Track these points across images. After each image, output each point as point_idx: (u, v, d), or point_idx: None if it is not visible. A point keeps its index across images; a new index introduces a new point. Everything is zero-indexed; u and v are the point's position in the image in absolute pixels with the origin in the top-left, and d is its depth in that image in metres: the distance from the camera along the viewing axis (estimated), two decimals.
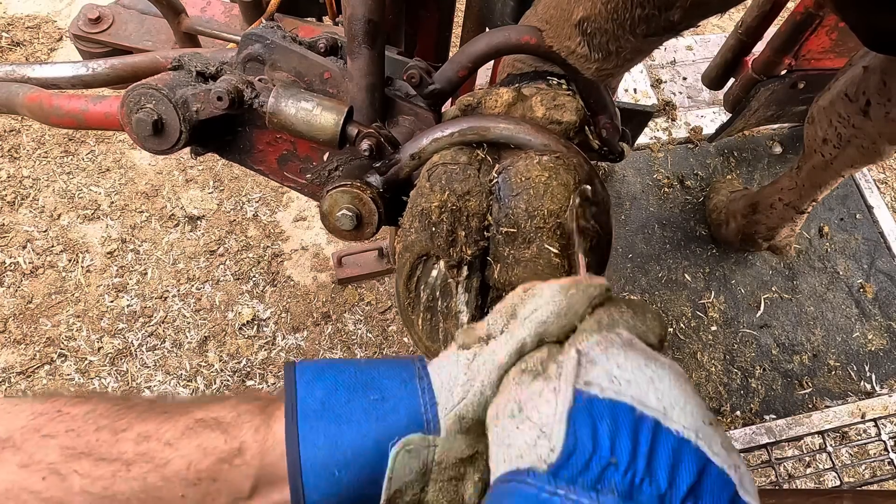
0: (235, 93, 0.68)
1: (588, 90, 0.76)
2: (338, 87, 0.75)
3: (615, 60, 0.71)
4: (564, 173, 0.64)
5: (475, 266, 0.68)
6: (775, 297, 2.02)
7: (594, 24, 0.67)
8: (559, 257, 0.63)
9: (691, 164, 2.20)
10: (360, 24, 0.67)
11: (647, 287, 1.99)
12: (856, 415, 1.83)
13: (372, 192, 0.71)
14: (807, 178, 1.62)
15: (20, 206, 2.01)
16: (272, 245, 2.04)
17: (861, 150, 1.37)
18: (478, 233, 0.66)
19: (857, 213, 2.17)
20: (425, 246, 0.66)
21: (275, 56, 0.75)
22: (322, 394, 0.47)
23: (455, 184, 0.65)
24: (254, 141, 0.76)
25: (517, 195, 0.63)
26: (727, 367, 1.92)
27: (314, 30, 1.05)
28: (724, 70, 1.78)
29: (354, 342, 1.90)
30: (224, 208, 2.08)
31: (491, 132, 0.67)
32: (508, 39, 0.74)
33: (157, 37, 1.23)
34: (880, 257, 2.11)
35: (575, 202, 0.63)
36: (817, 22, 1.51)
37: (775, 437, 1.78)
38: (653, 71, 2.33)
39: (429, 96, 0.74)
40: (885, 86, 1.20)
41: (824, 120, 1.40)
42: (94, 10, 1.21)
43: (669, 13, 0.62)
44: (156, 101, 0.68)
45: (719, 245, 2.07)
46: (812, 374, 1.93)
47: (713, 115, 2.24)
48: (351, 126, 0.69)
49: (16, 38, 2.28)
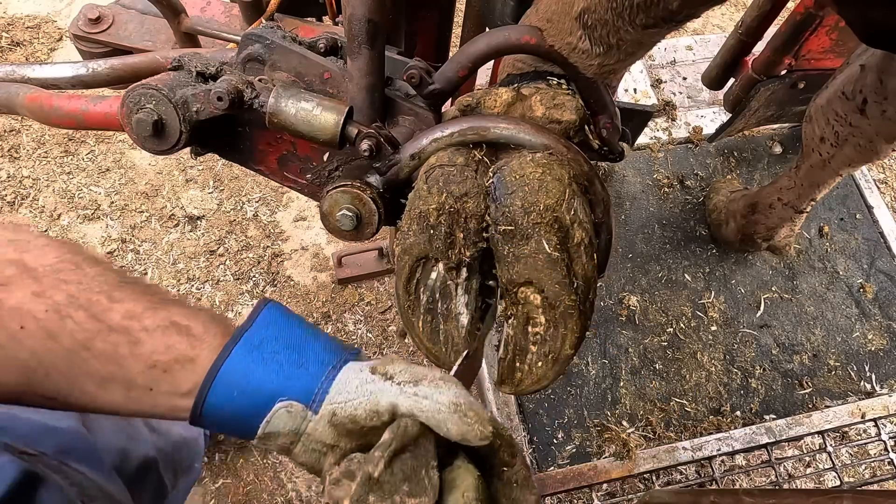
0: (235, 93, 0.68)
1: (588, 90, 0.76)
2: (338, 87, 0.75)
3: (616, 55, 0.71)
4: (558, 168, 0.64)
5: (474, 268, 0.68)
6: (775, 297, 2.02)
7: (594, 16, 0.67)
8: (558, 251, 0.63)
9: (691, 164, 2.20)
10: (360, 24, 0.67)
11: (647, 287, 2.00)
12: (856, 415, 1.83)
13: (372, 192, 0.71)
14: (805, 178, 1.62)
15: (20, 206, 2.01)
16: (272, 245, 2.04)
17: (858, 149, 1.37)
18: (476, 234, 0.66)
19: (857, 213, 2.18)
20: (424, 248, 0.66)
21: (275, 56, 0.75)
22: (265, 336, 0.57)
23: (452, 186, 0.65)
24: (254, 141, 0.76)
25: (512, 193, 0.63)
26: (727, 367, 1.92)
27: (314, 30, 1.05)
28: (724, 70, 1.78)
29: (354, 342, 1.90)
30: (224, 208, 2.08)
31: (491, 132, 0.67)
32: (508, 39, 0.74)
33: (157, 37, 1.24)
34: (880, 257, 2.11)
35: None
36: (817, 22, 1.51)
37: (775, 437, 1.78)
38: (653, 71, 2.33)
39: (429, 96, 0.74)
40: (882, 84, 1.20)
41: (822, 119, 1.40)
42: (94, 10, 1.21)
43: (668, 1, 0.62)
44: (156, 102, 0.68)
45: (719, 245, 2.07)
46: (812, 374, 1.94)
47: (713, 115, 2.24)
48: (351, 126, 0.69)
49: (16, 38, 2.28)
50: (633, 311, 1.96)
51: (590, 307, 0.67)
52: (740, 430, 1.79)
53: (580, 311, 0.64)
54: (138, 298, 0.58)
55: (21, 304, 0.54)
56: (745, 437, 1.77)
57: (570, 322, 0.64)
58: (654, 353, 1.91)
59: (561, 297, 0.63)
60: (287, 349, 0.56)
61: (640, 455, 1.72)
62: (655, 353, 1.91)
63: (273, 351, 0.56)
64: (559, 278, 0.63)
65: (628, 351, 1.91)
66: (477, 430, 0.52)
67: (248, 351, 0.55)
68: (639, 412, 1.83)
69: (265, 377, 0.54)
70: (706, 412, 1.85)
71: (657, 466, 1.72)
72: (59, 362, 0.54)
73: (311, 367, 0.56)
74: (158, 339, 0.55)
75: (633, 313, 1.96)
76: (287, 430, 0.55)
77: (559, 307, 0.64)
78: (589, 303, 0.66)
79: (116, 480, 0.89)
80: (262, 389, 0.54)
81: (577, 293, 0.64)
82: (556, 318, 0.64)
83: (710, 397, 1.88)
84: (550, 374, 0.67)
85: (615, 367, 1.89)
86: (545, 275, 0.63)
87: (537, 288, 0.64)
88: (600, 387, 1.86)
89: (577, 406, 1.83)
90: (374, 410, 0.53)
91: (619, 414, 1.83)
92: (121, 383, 0.55)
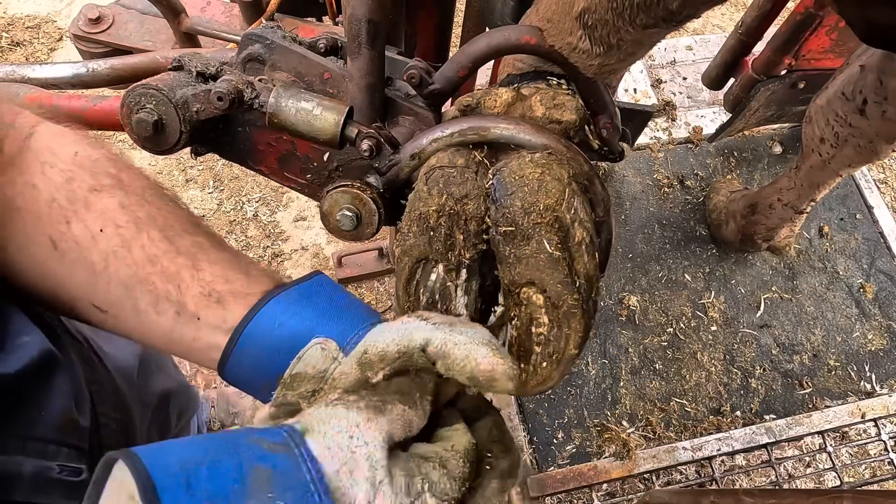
0: (235, 93, 0.68)
1: (588, 90, 0.76)
2: (338, 87, 0.75)
3: (617, 55, 0.71)
4: (557, 167, 0.64)
5: (474, 269, 0.68)
6: (775, 297, 2.02)
7: (595, 16, 0.67)
8: (559, 250, 0.63)
9: (691, 164, 2.20)
10: (360, 24, 0.67)
11: (647, 287, 2.00)
12: (856, 415, 1.83)
13: (372, 192, 0.71)
14: (805, 178, 1.62)
15: None
16: (272, 245, 2.04)
17: (858, 150, 1.37)
18: (476, 236, 0.66)
19: (857, 213, 2.18)
20: (423, 250, 0.66)
21: (275, 56, 0.75)
22: (312, 292, 0.59)
23: (452, 187, 0.64)
24: (254, 141, 0.76)
25: (512, 194, 0.63)
26: (727, 367, 1.92)
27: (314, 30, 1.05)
28: (724, 70, 1.79)
29: None
30: (224, 208, 2.08)
31: (491, 132, 0.67)
32: (508, 39, 0.73)
33: (157, 37, 1.24)
34: (880, 257, 2.11)
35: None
36: (817, 22, 1.51)
37: (775, 437, 1.78)
38: (653, 71, 2.33)
39: (429, 96, 0.74)
40: (882, 85, 1.20)
41: (822, 119, 1.40)
42: (94, 11, 1.21)
43: (667, 1, 0.62)
44: (156, 102, 0.68)
45: (719, 245, 2.07)
46: (812, 374, 1.94)
47: (713, 115, 2.24)
48: (351, 126, 0.69)
49: (16, 38, 2.28)
50: (633, 311, 1.96)
51: (593, 306, 0.66)
52: (740, 430, 1.79)
53: (583, 311, 0.64)
54: (208, 236, 0.61)
55: (107, 209, 0.57)
56: (745, 437, 1.77)
57: (573, 321, 0.64)
58: (654, 353, 1.91)
59: (563, 297, 0.63)
60: (331, 304, 0.59)
61: (640, 455, 1.72)
62: (655, 353, 1.91)
63: (317, 302, 0.58)
64: (561, 278, 0.63)
65: (628, 351, 1.91)
66: (507, 368, 0.49)
67: (295, 296, 0.58)
68: (639, 412, 1.84)
69: (307, 319, 0.56)
70: (706, 412, 1.85)
71: (657, 466, 1.72)
72: (123, 271, 0.56)
73: (351, 318, 0.58)
74: (219, 271, 0.58)
75: (633, 313, 1.96)
76: (314, 372, 0.54)
77: (562, 307, 0.64)
78: (592, 302, 0.66)
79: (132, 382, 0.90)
80: (301, 328, 0.56)
81: (579, 292, 0.64)
82: (559, 317, 0.64)
83: (710, 397, 1.88)
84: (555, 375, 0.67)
85: (615, 367, 1.89)
86: (547, 275, 0.63)
87: (539, 288, 0.64)
88: (600, 387, 1.86)
89: (577, 406, 1.83)
90: (406, 345, 0.51)
91: (619, 414, 1.83)
92: (174, 304, 0.57)
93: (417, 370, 0.51)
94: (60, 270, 0.57)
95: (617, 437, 1.74)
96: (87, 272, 0.57)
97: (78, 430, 0.63)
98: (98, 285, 0.57)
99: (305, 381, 0.53)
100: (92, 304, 0.58)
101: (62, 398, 0.62)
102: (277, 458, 0.41)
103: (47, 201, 0.56)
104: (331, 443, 0.43)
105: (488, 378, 0.49)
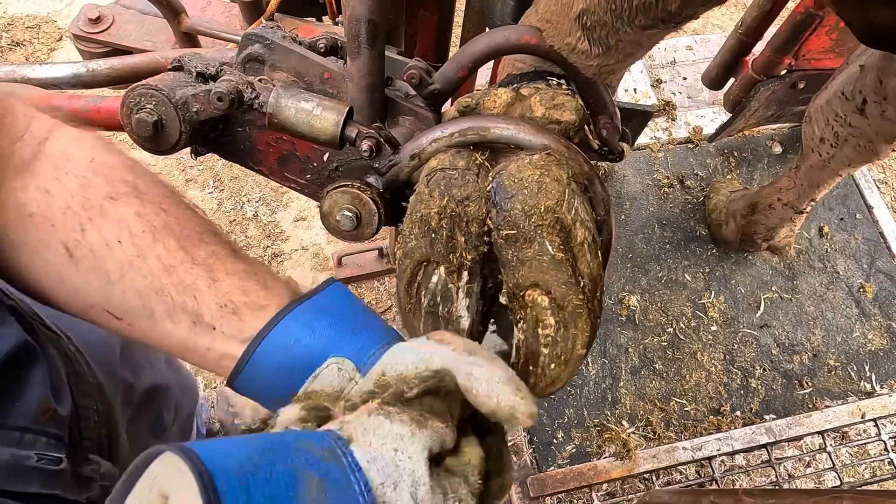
0: (235, 93, 0.68)
1: (588, 90, 0.76)
2: (338, 87, 0.75)
3: (616, 55, 0.71)
4: (556, 169, 0.64)
5: (475, 271, 0.68)
6: (775, 297, 2.02)
7: (594, 17, 0.67)
8: (561, 251, 0.63)
9: (691, 164, 2.20)
10: (360, 24, 0.67)
11: (647, 287, 2.00)
12: (856, 415, 1.83)
13: (372, 192, 0.71)
14: (805, 178, 1.62)
15: None
16: (272, 245, 2.04)
17: (858, 149, 1.37)
18: (477, 238, 0.65)
19: (857, 213, 2.18)
20: (425, 252, 0.66)
21: (275, 56, 0.75)
22: (327, 304, 0.58)
23: (454, 189, 0.64)
24: (254, 142, 0.76)
25: (512, 197, 0.63)
26: (727, 367, 1.92)
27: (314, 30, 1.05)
28: (724, 70, 1.79)
29: None
30: (224, 208, 2.08)
31: (491, 132, 0.67)
32: (508, 39, 0.73)
33: (157, 37, 1.24)
34: (880, 257, 2.11)
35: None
36: (817, 22, 1.51)
37: (775, 437, 1.78)
38: (653, 71, 2.33)
39: (429, 96, 0.74)
40: (882, 84, 1.20)
41: (821, 119, 1.40)
42: (94, 10, 1.21)
43: (666, 2, 0.62)
44: (156, 102, 0.68)
45: (719, 245, 2.07)
46: (812, 374, 1.94)
47: (713, 115, 2.24)
48: (351, 126, 0.69)
49: (16, 38, 2.28)
50: (633, 311, 1.96)
51: (598, 305, 0.66)
52: (740, 430, 1.79)
53: (589, 310, 0.64)
54: (224, 245, 0.61)
55: (123, 217, 0.57)
56: (745, 437, 1.77)
57: (579, 322, 0.64)
58: (654, 353, 1.91)
59: (568, 298, 0.63)
60: (347, 320, 0.58)
61: (640, 455, 1.72)
62: (655, 353, 1.91)
63: (333, 316, 0.57)
64: (565, 278, 0.63)
65: (628, 351, 1.91)
66: (527, 407, 0.50)
67: (311, 311, 0.57)
68: (639, 412, 1.83)
69: (322, 336, 0.55)
70: (706, 412, 1.85)
71: (657, 466, 1.72)
72: (139, 281, 0.56)
73: (367, 337, 0.57)
74: (236, 282, 0.58)
75: (633, 313, 1.96)
76: (330, 391, 0.54)
77: (567, 307, 0.64)
78: (597, 301, 0.66)
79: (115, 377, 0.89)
80: (317, 346, 0.55)
81: (584, 292, 0.64)
82: (565, 318, 0.64)
83: (710, 397, 1.88)
84: (564, 376, 0.67)
85: (615, 367, 1.89)
86: (551, 276, 0.63)
87: (544, 290, 0.64)
88: (600, 387, 1.86)
89: (577, 406, 1.83)
90: (426, 370, 0.52)
91: (619, 414, 1.83)
92: (190, 315, 0.56)
93: (447, 392, 0.52)
94: (75, 277, 0.57)
95: (617, 437, 1.74)
96: (103, 280, 0.57)
97: (56, 419, 0.63)
98: (113, 293, 0.57)
99: (322, 398, 0.54)
100: (107, 311, 0.58)
101: (39, 388, 0.62)
102: (328, 466, 0.42)
103: (62, 208, 0.56)
104: (376, 454, 0.44)
105: (508, 416, 0.51)
